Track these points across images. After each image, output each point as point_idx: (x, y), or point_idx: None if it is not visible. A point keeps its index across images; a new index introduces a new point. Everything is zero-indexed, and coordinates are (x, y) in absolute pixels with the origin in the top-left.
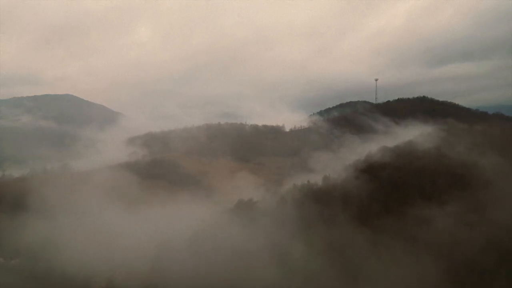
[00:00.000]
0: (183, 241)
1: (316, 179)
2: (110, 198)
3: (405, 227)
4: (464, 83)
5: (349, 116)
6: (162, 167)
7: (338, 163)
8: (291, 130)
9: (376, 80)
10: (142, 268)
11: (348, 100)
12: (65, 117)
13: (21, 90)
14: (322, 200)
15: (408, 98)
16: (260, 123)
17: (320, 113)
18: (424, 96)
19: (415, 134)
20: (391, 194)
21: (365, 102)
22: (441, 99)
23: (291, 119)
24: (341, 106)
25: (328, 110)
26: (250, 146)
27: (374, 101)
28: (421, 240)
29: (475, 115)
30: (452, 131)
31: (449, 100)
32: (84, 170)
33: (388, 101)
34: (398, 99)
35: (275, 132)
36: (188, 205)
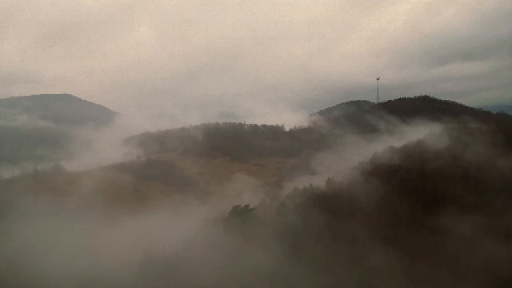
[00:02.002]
0: (171, 254)
1: (319, 182)
2: (99, 201)
3: (422, 239)
4: (465, 83)
5: (351, 115)
6: (157, 168)
7: (342, 164)
8: (291, 130)
9: (378, 79)
10: (126, 281)
11: (349, 100)
12: (63, 117)
13: (19, 89)
14: (326, 207)
15: (410, 98)
16: (259, 123)
17: (321, 112)
18: (426, 96)
19: (424, 133)
20: (403, 200)
21: (366, 102)
22: (442, 99)
23: (291, 119)
24: (342, 105)
25: (329, 110)
26: (249, 146)
27: (375, 101)
28: (442, 254)
29: (479, 115)
30: (465, 131)
31: (451, 100)
32: (76, 171)
33: (390, 101)
34: (400, 98)
35: (274, 132)
36: (181, 210)
